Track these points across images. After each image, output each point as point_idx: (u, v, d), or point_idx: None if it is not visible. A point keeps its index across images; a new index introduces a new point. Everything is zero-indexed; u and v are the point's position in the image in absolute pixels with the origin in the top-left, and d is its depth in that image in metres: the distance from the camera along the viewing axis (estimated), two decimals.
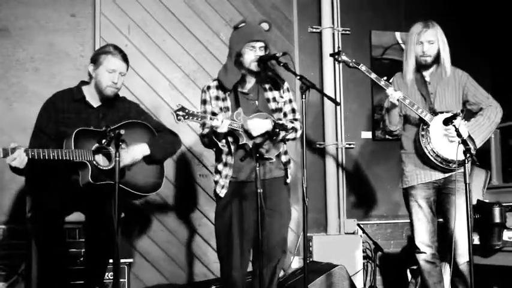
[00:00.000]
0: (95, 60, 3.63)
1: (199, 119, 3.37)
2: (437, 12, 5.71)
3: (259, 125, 3.56)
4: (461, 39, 5.60)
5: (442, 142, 3.76)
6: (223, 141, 3.59)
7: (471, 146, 3.76)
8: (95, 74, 3.63)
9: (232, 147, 3.61)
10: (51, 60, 4.85)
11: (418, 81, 3.94)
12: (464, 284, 3.80)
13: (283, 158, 3.73)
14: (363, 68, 3.83)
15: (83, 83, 3.73)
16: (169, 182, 4.99)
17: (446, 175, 3.84)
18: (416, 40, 3.88)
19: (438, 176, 3.85)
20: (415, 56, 3.91)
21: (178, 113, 3.30)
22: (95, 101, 3.68)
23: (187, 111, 3.32)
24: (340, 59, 3.84)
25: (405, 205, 4.02)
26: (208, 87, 3.71)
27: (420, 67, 3.95)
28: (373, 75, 3.81)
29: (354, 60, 3.84)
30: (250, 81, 3.72)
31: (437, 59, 3.91)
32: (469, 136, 3.80)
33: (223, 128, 3.41)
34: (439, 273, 3.94)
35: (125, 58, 3.69)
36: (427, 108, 3.85)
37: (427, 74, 3.96)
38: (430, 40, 3.86)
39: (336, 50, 3.90)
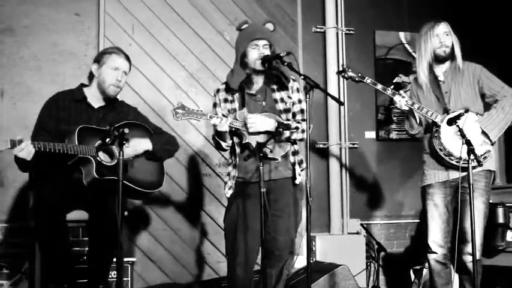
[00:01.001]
0: (99, 59, 3.70)
1: (198, 117, 3.38)
2: (441, 12, 5.69)
3: (259, 122, 3.55)
4: (466, 39, 5.58)
5: (454, 141, 3.73)
6: (230, 142, 3.61)
7: (488, 141, 3.75)
8: (98, 72, 3.68)
9: (238, 148, 3.63)
10: (54, 59, 4.86)
11: (432, 82, 3.92)
12: (471, 282, 3.77)
13: (291, 159, 3.72)
14: (368, 80, 3.85)
15: (83, 85, 3.79)
16: (173, 181, 5.00)
17: (463, 174, 3.75)
18: (432, 34, 3.89)
19: (455, 174, 3.81)
20: (433, 49, 3.89)
21: (177, 110, 3.34)
22: (95, 102, 3.72)
23: (186, 109, 3.36)
24: (346, 75, 3.86)
25: (422, 203, 4.01)
26: (218, 90, 3.74)
27: (435, 63, 3.93)
28: (379, 86, 3.83)
29: (359, 74, 3.85)
30: (258, 82, 3.72)
31: (451, 54, 3.91)
32: (483, 132, 3.75)
33: (223, 127, 3.43)
34: (449, 274, 3.90)
35: (128, 58, 3.77)
36: (442, 109, 3.85)
37: (440, 73, 3.94)
38: (445, 31, 3.89)
39: (341, 68, 3.93)
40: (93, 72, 3.71)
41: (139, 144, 3.66)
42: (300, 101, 3.76)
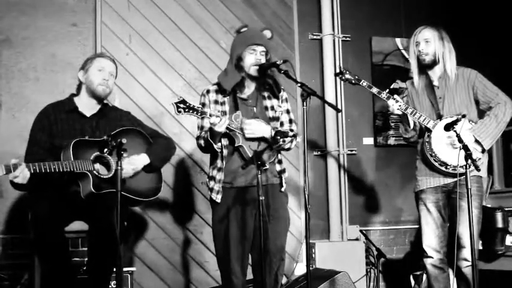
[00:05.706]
0: (84, 66, 3.76)
1: (199, 113, 3.34)
2: (438, 17, 5.71)
3: (256, 127, 3.54)
4: (462, 45, 5.60)
5: (445, 148, 3.74)
6: (219, 144, 3.56)
7: (478, 149, 3.74)
8: (85, 77, 3.72)
9: (225, 151, 3.59)
10: (52, 70, 4.87)
11: (427, 87, 3.94)
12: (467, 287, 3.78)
13: (277, 167, 3.70)
14: (364, 83, 3.92)
15: (73, 95, 3.80)
16: (171, 189, 5.00)
17: (455, 179, 3.77)
18: (413, 40, 3.95)
19: (447, 180, 3.83)
20: (416, 56, 3.94)
21: (179, 105, 3.29)
22: (87, 111, 3.72)
23: (188, 104, 3.31)
24: (344, 77, 3.94)
25: (417, 209, 4.02)
26: (208, 91, 3.70)
27: (427, 69, 3.95)
28: (375, 89, 3.88)
29: (356, 77, 3.93)
30: (250, 87, 3.71)
31: (434, 61, 3.91)
32: (476, 140, 3.74)
33: (221, 127, 3.38)
34: (446, 279, 3.89)
35: (113, 61, 3.83)
36: (435, 114, 3.86)
37: (435, 78, 3.95)
38: (425, 39, 3.90)
39: (339, 70, 4.00)
40: (80, 78, 3.74)
41: (137, 161, 3.65)
42: (288, 111, 3.77)
